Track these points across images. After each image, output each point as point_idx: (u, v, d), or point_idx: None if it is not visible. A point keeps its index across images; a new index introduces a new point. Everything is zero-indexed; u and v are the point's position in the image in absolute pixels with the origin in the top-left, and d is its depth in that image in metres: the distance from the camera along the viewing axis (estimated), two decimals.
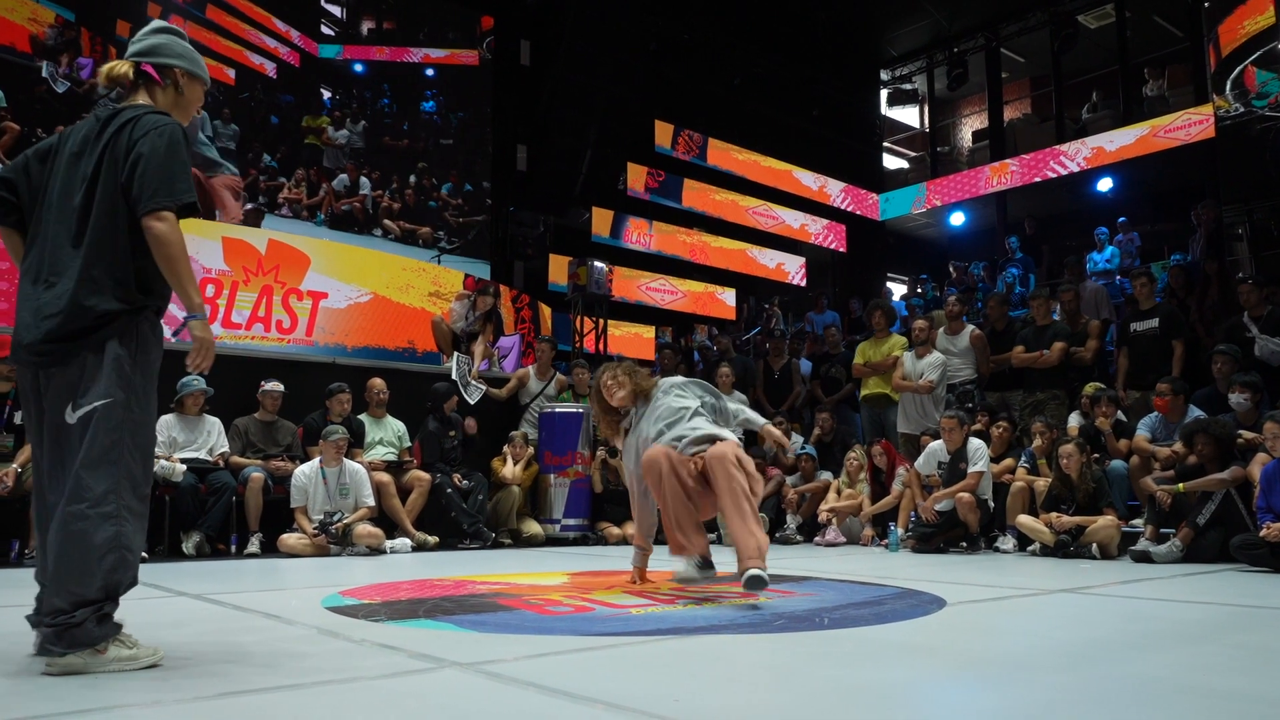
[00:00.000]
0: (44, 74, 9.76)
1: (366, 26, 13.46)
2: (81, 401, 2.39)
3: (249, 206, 10.27)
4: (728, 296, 16.85)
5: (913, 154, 21.07)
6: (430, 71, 13.81)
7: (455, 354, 6.98)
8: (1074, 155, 15.15)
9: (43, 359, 2.43)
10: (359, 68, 13.06)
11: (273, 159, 11.72)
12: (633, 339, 14.94)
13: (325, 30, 12.73)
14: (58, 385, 2.44)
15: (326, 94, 12.63)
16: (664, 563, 5.58)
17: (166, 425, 6.37)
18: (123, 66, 2.65)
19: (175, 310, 2.73)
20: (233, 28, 11.53)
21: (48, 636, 2.36)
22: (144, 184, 2.39)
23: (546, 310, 11.77)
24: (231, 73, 11.48)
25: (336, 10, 12.99)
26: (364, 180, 12.69)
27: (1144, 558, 5.58)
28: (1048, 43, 16.07)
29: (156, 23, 2.78)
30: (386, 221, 12.81)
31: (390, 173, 13.03)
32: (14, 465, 5.55)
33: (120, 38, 10.30)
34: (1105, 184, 15.26)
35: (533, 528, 7.40)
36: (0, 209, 2.57)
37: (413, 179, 13.29)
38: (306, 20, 12.43)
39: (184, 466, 6.12)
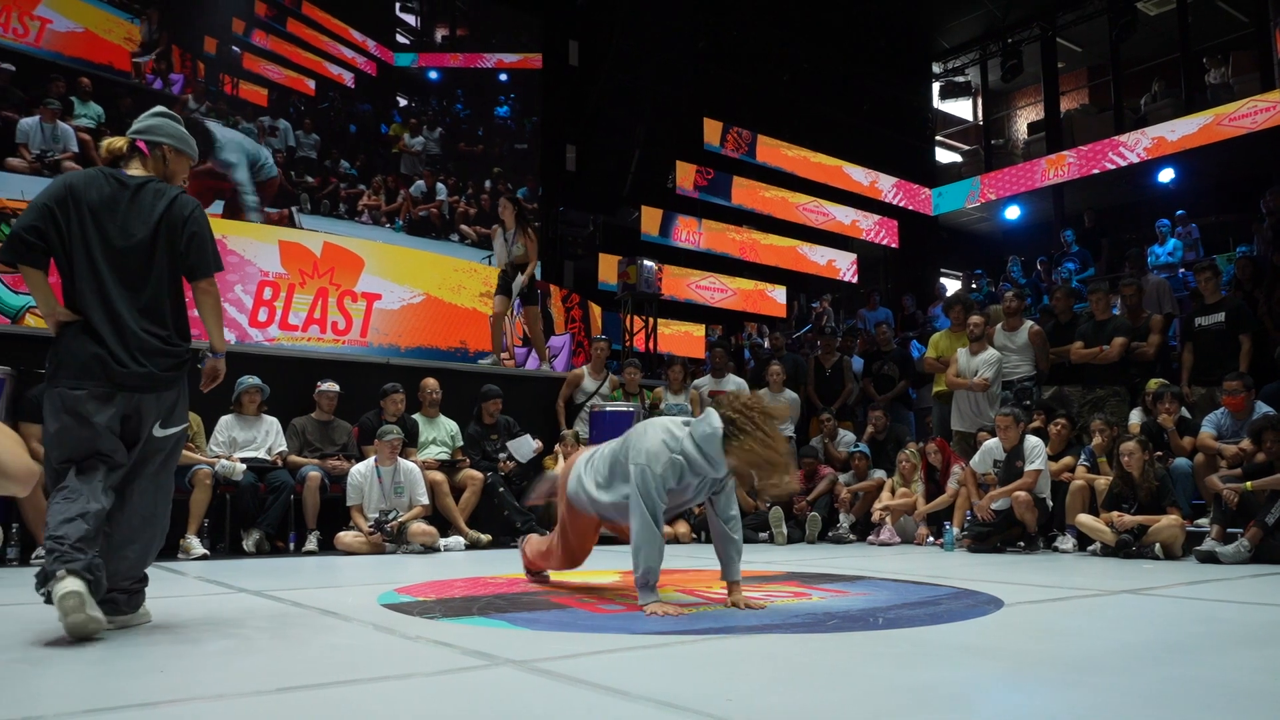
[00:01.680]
0: (141, 78, 10.24)
1: (440, 34, 13.69)
2: (170, 422, 3.06)
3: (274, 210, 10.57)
4: (778, 294, 16.77)
5: (966, 147, 20.77)
6: (503, 76, 14.03)
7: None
8: (1134, 146, 14.82)
9: (152, 386, 3.01)
10: (434, 75, 13.33)
11: (352, 166, 12.05)
12: (682, 337, 14.94)
13: (400, 39, 13.01)
14: (152, 407, 3.01)
15: (403, 101, 12.93)
16: (710, 561, 5.57)
17: (226, 425, 6.51)
18: (120, 142, 3.23)
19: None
20: (312, 40, 11.88)
21: (121, 600, 3.00)
22: (201, 257, 3.12)
23: (596, 309, 11.83)
24: (311, 84, 11.83)
25: (411, 19, 13.26)
26: (440, 186, 12.95)
27: (1210, 558, 5.43)
28: (1106, 31, 15.75)
29: (157, 108, 3.36)
30: (463, 227, 13.05)
31: (466, 178, 13.27)
32: None
33: (208, 54, 10.77)
34: (1166, 175, 14.91)
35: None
36: (32, 253, 2.99)
37: (488, 184, 13.50)
38: (382, 30, 12.72)
39: (244, 466, 6.25)
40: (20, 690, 2.15)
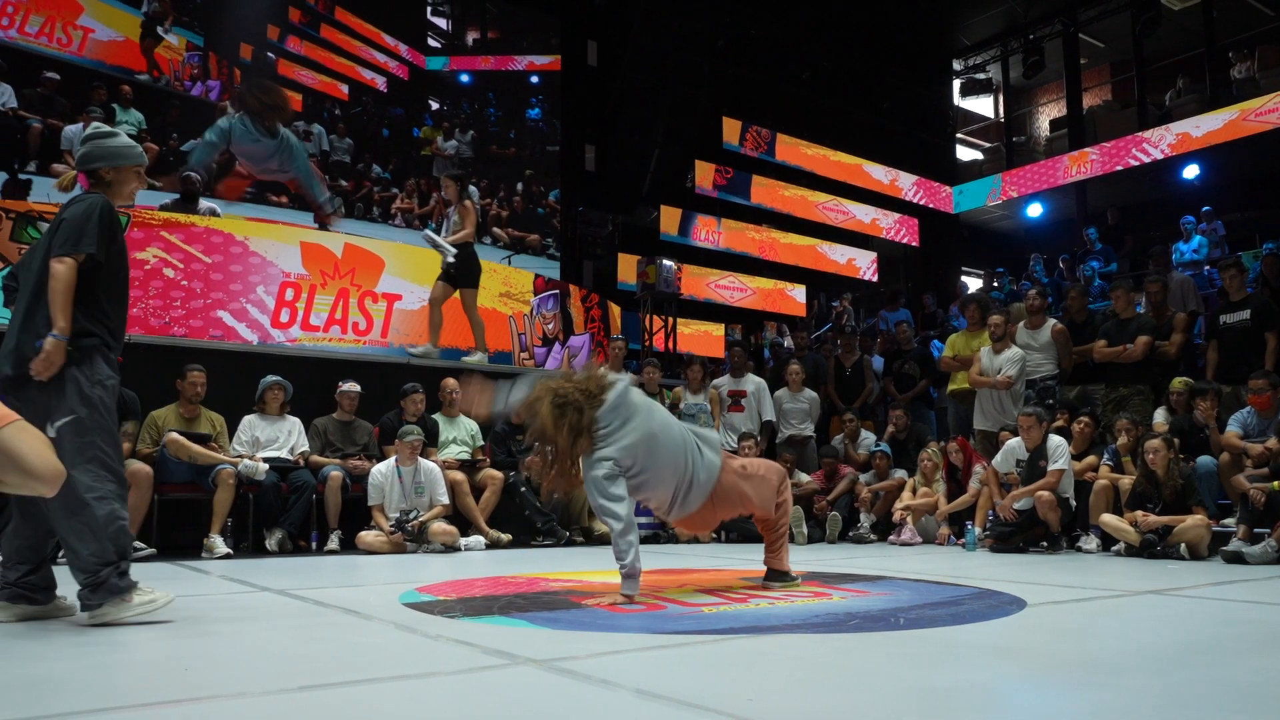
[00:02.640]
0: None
1: (471, 37, 13.80)
2: (54, 419, 3.07)
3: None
4: (797, 293, 16.73)
5: (987, 145, 20.66)
6: (535, 79, 14.09)
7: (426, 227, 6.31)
8: (1157, 142, 14.68)
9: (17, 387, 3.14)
10: (465, 78, 13.45)
11: (385, 170, 12.24)
12: (702, 336, 14.92)
13: (432, 43, 13.14)
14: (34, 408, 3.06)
15: (435, 105, 13.04)
16: (732, 561, 5.56)
17: (250, 425, 6.57)
18: (68, 178, 3.50)
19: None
20: (345, 45, 12.06)
21: (85, 595, 3.06)
22: (62, 237, 3.17)
23: (616, 309, 11.84)
24: (345, 88, 12.03)
25: (442, 22, 13.38)
26: (473, 189, 12.97)
27: (1236, 558, 5.37)
28: (1129, 26, 15.60)
29: (89, 130, 3.50)
30: (496, 230, 13.17)
31: (498, 181, 13.34)
32: None
33: (244, 60, 11.04)
34: (1191, 171, 14.76)
35: (603, 526, 7.44)
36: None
37: (520, 186, 13.53)
38: (414, 34, 12.84)
39: (266, 465, 6.30)
40: (45, 687, 2.18)
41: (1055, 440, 6.48)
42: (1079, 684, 2.25)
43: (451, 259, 7.43)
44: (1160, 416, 6.91)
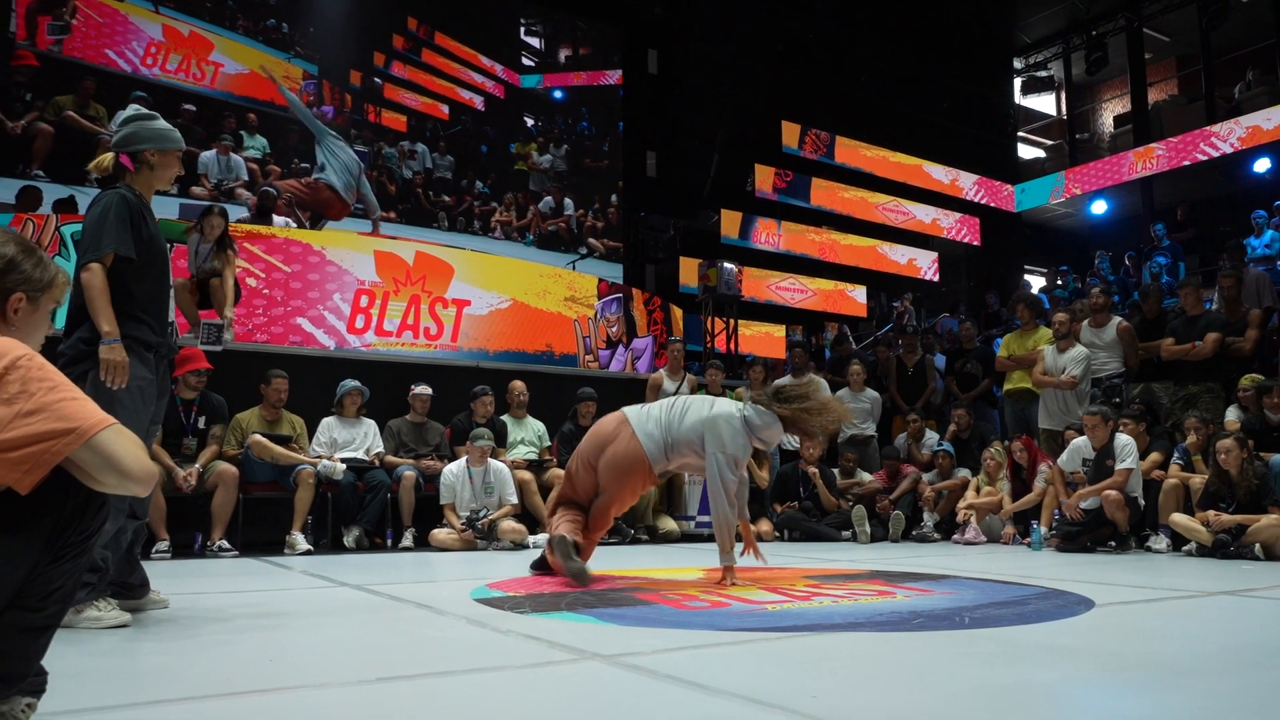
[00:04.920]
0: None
1: (564, 54, 14.27)
2: None
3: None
4: (858, 294, 16.64)
5: (1049, 142, 20.32)
6: (624, 93, 14.46)
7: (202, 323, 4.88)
8: (1226, 136, 14.32)
9: None
10: (558, 94, 13.96)
11: (484, 185, 12.82)
12: (763, 338, 14.94)
13: (526, 61, 13.72)
14: None
15: (530, 121, 13.58)
16: (794, 559, 5.61)
17: (328, 427, 6.81)
18: (107, 159, 3.31)
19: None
20: (445, 68, 12.72)
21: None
22: (79, 248, 3.14)
23: (678, 312, 11.93)
24: (445, 109, 12.68)
25: (535, 42, 13.94)
26: (567, 201, 13.52)
27: None
28: (1195, 19, 15.24)
29: (129, 111, 3.39)
30: (591, 240, 13.58)
31: (593, 193, 13.77)
32: (197, 465, 6.05)
33: (353, 86, 11.86)
34: (1262, 164, 14.39)
35: (668, 524, 7.54)
36: None
37: (614, 198, 13.84)
38: (508, 54, 13.45)
39: (344, 466, 6.53)
40: (143, 677, 2.33)
41: (1123, 439, 6.40)
42: (1150, 686, 2.22)
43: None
44: (1232, 414, 6.79)
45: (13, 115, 9.45)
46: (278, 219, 10.23)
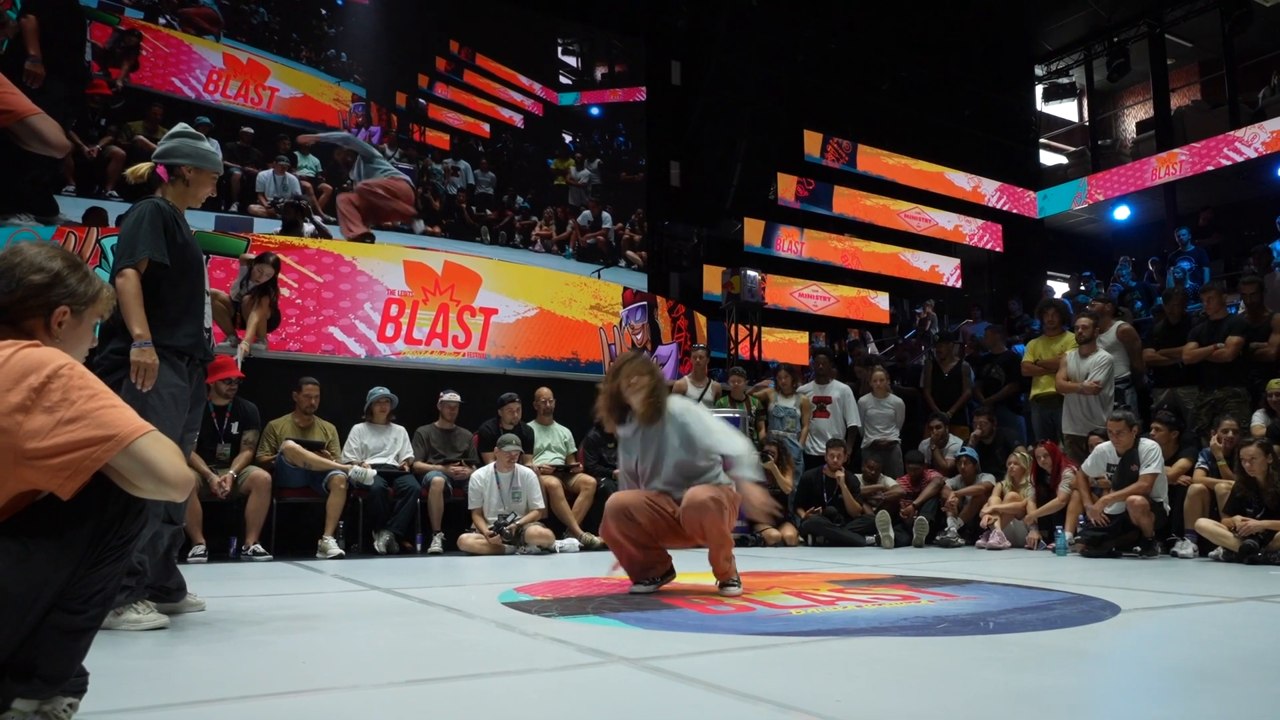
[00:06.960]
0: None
1: (600, 72, 14.60)
2: None
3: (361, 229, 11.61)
4: (881, 300, 16.65)
5: (1071, 149, 20.25)
6: (649, 104, 14.70)
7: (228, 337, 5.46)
8: (1250, 141, 14.25)
9: None
10: (595, 111, 14.33)
11: (525, 200, 13.21)
12: (786, 344, 14.99)
13: (564, 80, 14.14)
14: None
15: (567, 137, 13.97)
16: (819, 564, 5.64)
17: (358, 433, 6.93)
18: (143, 169, 3.41)
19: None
20: (486, 88, 13.21)
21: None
22: (114, 256, 3.22)
23: (702, 319, 12.00)
24: (486, 127, 13.15)
25: (573, 61, 14.35)
26: (605, 215, 13.85)
27: None
28: (1217, 25, 15.17)
29: (176, 127, 3.47)
30: (629, 252, 13.86)
31: (630, 206, 14.04)
32: (231, 471, 6.18)
33: (399, 107, 12.37)
34: None
35: None
36: None
37: (640, 209, 14.17)
38: (546, 72, 13.90)
39: (374, 471, 6.65)
40: (180, 677, 2.40)
41: (1147, 444, 6.39)
42: (1176, 691, 2.21)
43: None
44: (1259, 419, 6.77)
45: (89, 140, 10.00)
46: (310, 228, 10.45)
